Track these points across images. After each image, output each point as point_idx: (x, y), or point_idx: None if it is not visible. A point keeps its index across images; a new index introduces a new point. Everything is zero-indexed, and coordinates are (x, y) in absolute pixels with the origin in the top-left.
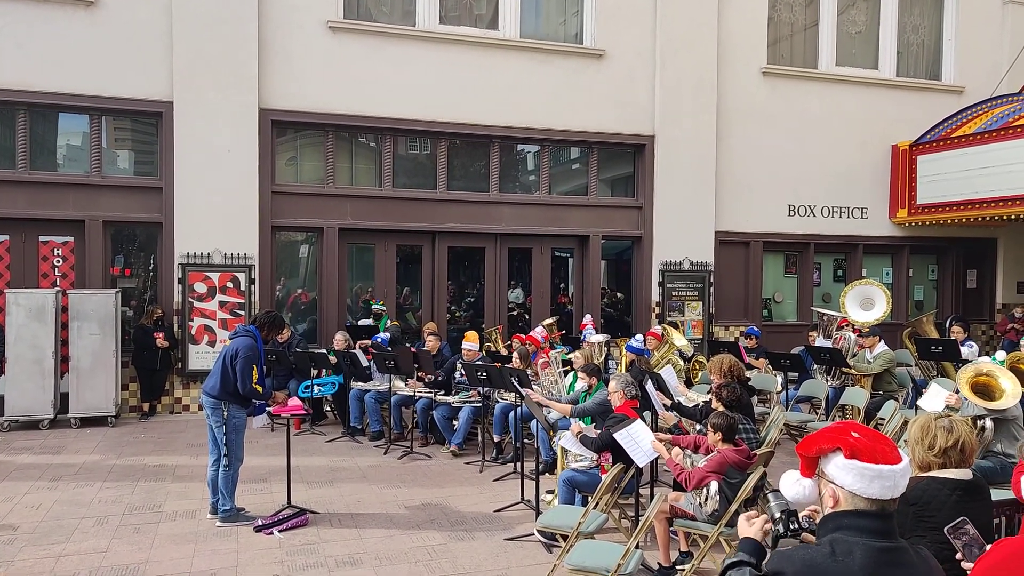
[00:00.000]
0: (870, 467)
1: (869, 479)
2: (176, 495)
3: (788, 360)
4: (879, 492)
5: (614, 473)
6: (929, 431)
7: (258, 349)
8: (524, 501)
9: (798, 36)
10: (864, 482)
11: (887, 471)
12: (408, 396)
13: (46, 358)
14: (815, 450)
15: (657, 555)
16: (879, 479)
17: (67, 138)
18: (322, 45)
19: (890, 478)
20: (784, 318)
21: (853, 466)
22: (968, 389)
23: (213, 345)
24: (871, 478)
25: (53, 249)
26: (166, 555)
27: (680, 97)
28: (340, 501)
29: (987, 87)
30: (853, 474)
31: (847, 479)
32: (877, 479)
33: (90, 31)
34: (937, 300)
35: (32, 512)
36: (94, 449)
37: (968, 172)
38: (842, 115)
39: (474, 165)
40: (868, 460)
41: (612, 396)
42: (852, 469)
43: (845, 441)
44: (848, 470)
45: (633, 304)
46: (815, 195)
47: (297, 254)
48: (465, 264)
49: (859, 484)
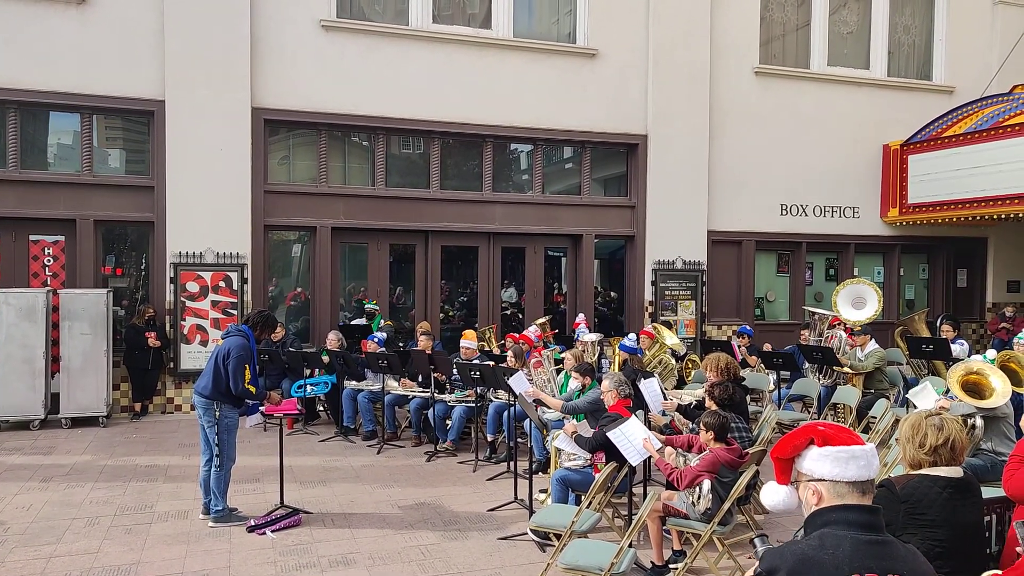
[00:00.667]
0: (843, 449)
1: (844, 462)
2: (168, 495)
3: (780, 359)
4: (856, 473)
5: (607, 472)
6: (920, 429)
7: (251, 349)
8: (517, 500)
9: (790, 36)
10: (841, 466)
11: (859, 451)
12: (402, 396)
13: (37, 358)
14: (790, 449)
15: (650, 554)
16: (853, 460)
17: (58, 137)
18: (315, 44)
19: (863, 457)
20: (776, 317)
21: (827, 452)
22: (959, 388)
23: (205, 345)
24: (846, 460)
25: (44, 248)
26: (158, 556)
27: (673, 97)
28: (333, 501)
29: (977, 87)
30: (830, 461)
31: (825, 468)
32: (852, 460)
33: (81, 29)
34: (928, 299)
35: (23, 513)
36: (85, 449)
37: (959, 172)
38: (834, 115)
39: (467, 164)
40: (839, 444)
41: (606, 395)
42: (827, 456)
43: (815, 432)
44: (824, 458)
45: (626, 303)
46: (807, 194)
47: (290, 253)
48: (458, 263)
49: (837, 469)
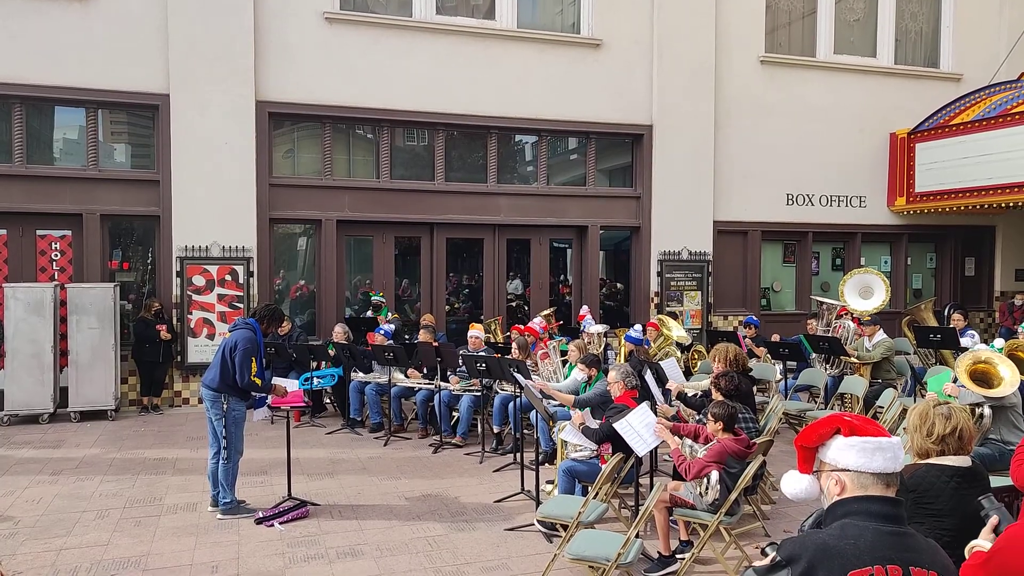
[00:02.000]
0: (870, 440)
1: (871, 453)
2: (177, 488)
3: (787, 349)
4: (882, 465)
5: (614, 463)
6: (927, 418)
7: (257, 342)
8: (524, 491)
9: (796, 24)
10: (867, 457)
11: (885, 443)
12: (408, 388)
13: (45, 352)
14: (815, 437)
15: (657, 544)
16: (880, 451)
17: (63, 131)
18: (319, 36)
19: (889, 450)
20: (783, 307)
21: (854, 443)
22: (967, 377)
23: (212, 338)
24: (872, 451)
25: (51, 243)
26: (167, 548)
27: (678, 86)
28: (340, 493)
29: (985, 74)
30: (856, 451)
31: (850, 458)
32: (878, 451)
33: (85, 23)
34: (935, 288)
35: (33, 506)
36: (94, 443)
37: (966, 160)
38: (840, 104)
39: (472, 156)
40: (866, 435)
41: (612, 387)
42: (853, 446)
43: (842, 422)
44: (850, 448)
45: (632, 294)
46: (813, 184)
47: (295, 246)
48: (464, 256)
49: (863, 460)
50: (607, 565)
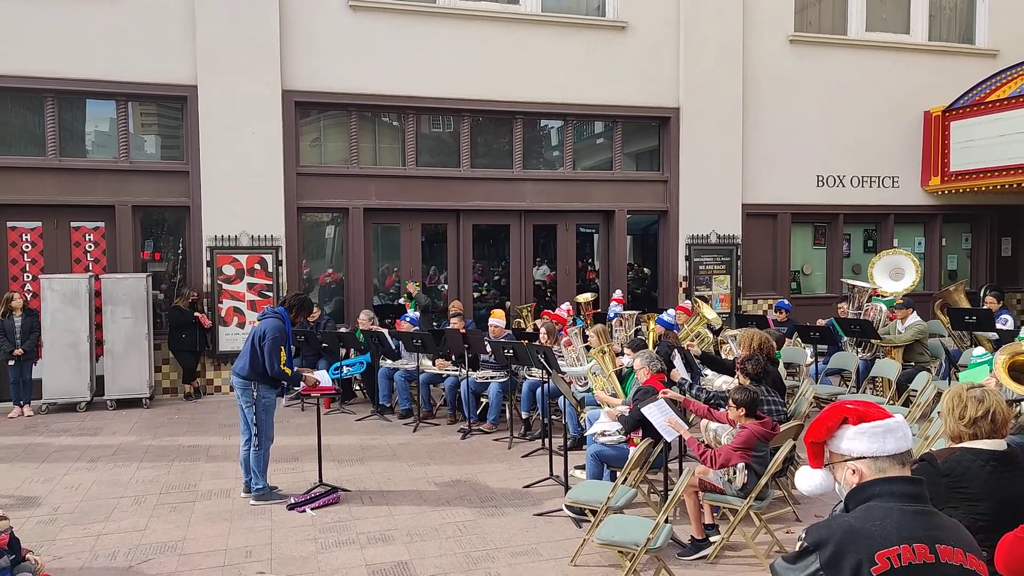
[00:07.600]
0: (879, 423)
1: (882, 436)
2: (210, 475)
3: (817, 333)
4: (896, 445)
5: (642, 448)
6: (960, 401)
7: (286, 331)
8: (553, 477)
9: (826, 2)
10: (879, 441)
11: (893, 423)
12: (436, 374)
13: (81, 342)
14: (824, 431)
15: (688, 528)
16: (890, 433)
17: (95, 124)
18: (343, 25)
19: (898, 429)
20: (813, 290)
21: (864, 429)
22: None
23: (243, 327)
24: (883, 434)
25: (85, 234)
26: (202, 533)
27: (705, 68)
28: (371, 479)
29: (1022, 50)
30: (867, 437)
31: (863, 445)
32: (888, 433)
33: (113, 17)
34: (971, 269)
35: (72, 492)
36: (130, 430)
37: (1003, 138)
38: (872, 82)
39: (497, 142)
40: (873, 420)
41: (638, 373)
42: (864, 433)
43: (847, 411)
44: (861, 436)
45: (660, 279)
46: (844, 165)
47: (323, 235)
48: (490, 242)
49: (876, 445)
50: (636, 550)
